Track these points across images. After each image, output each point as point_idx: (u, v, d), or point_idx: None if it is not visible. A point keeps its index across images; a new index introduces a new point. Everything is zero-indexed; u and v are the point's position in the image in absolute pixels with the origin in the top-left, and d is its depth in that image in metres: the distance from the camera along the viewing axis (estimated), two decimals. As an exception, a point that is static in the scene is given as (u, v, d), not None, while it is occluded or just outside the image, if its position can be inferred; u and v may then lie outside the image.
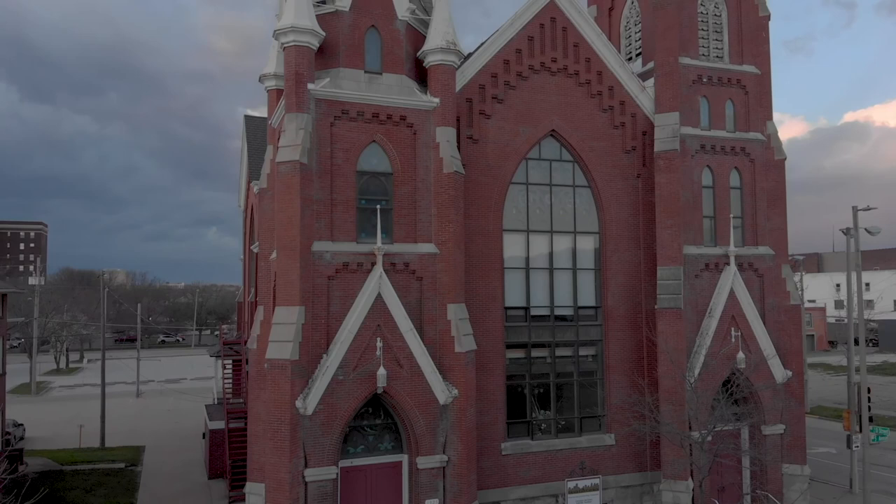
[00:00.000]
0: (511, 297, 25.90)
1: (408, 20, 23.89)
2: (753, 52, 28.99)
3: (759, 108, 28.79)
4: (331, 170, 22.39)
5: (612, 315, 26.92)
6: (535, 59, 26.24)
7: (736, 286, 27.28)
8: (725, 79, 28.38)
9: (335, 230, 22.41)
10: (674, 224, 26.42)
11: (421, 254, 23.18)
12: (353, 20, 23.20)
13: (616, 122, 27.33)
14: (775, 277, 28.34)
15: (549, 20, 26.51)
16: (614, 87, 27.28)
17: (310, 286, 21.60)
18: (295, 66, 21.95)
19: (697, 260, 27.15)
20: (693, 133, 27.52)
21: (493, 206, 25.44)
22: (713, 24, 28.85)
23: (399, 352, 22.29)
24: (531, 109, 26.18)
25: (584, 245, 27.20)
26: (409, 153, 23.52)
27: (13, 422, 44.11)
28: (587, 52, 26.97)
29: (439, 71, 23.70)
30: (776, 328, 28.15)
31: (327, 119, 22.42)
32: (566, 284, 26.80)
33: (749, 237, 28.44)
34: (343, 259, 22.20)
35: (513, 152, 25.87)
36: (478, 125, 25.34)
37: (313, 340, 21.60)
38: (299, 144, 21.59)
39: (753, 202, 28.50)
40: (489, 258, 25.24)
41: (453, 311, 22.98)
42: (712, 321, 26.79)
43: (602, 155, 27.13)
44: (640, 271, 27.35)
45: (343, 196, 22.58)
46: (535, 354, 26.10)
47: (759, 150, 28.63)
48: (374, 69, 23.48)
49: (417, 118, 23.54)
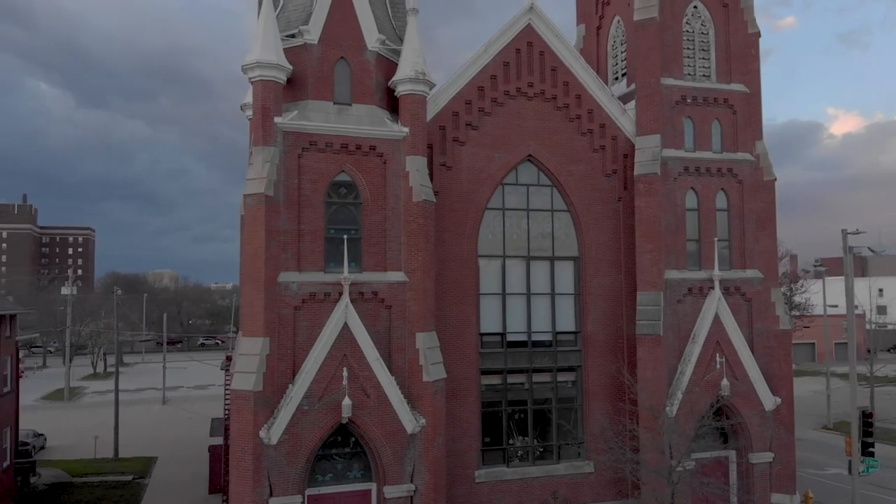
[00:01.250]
0: (487, 323, 25.87)
1: (378, 50, 24.06)
2: (742, 70, 28.34)
3: (747, 128, 28.13)
4: (298, 200, 22.71)
5: (591, 340, 26.65)
6: (510, 85, 26.16)
7: (721, 311, 26.72)
8: (712, 98, 27.82)
9: (303, 260, 22.71)
10: (653, 249, 26.02)
11: (390, 282, 23.32)
12: (322, 53, 23.49)
13: (596, 145, 27.04)
14: (764, 301, 27.64)
15: (525, 45, 26.38)
16: (594, 111, 27.00)
17: (275, 317, 21.94)
18: (261, 101, 22.34)
19: (680, 284, 26.67)
20: (676, 155, 27.05)
21: (467, 232, 25.45)
22: (700, 42, 28.31)
23: (366, 381, 22.47)
24: (507, 135, 26.10)
25: (563, 270, 26.99)
26: (379, 182, 23.70)
27: (33, 432, 45.75)
28: (566, 76, 26.75)
29: (409, 101, 23.82)
30: (765, 354, 27.45)
31: (295, 151, 22.75)
32: (544, 310, 26.64)
33: (736, 260, 27.82)
34: (309, 289, 22.50)
35: (488, 178, 25.83)
36: (451, 152, 25.39)
37: (279, 371, 21.94)
38: (264, 177, 21.96)
39: (741, 224, 27.86)
40: (463, 284, 25.26)
41: (422, 339, 23.06)
42: (695, 347, 26.28)
43: (581, 179, 26.88)
44: (621, 296, 27.00)
45: (311, 226, 22.87)
46: (511, 381, 26.02)
47: (747, 170, 27.97)
48: (343, 100, 23.73)
49: (387, 147, 23.70)
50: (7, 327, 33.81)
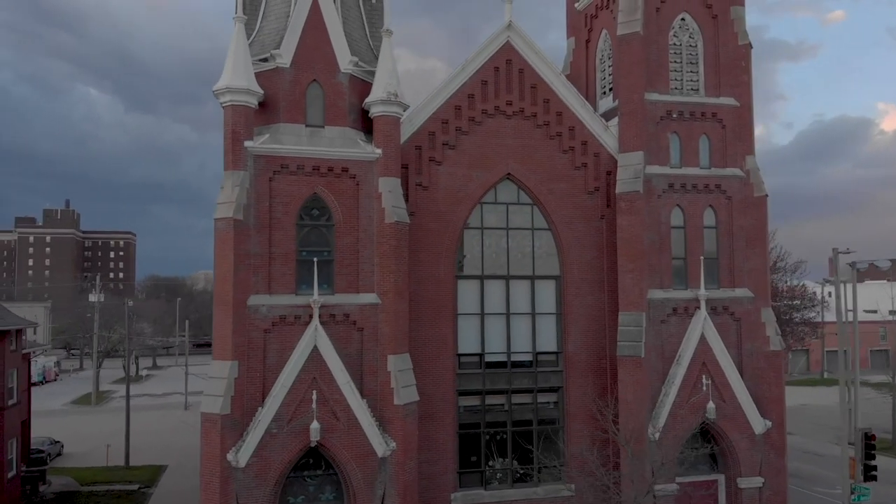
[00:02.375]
0: (465, 343, 25.67)
1: (351, 72, 24.08)
2: (732, 83, 27.58)
3: (737, 143, 27.38)
4: (270, 223, 22.85)
5: (573, 361, 26.24)
6: (489, 103, 25.92)
7: (707, 331, 26.04)
8: (699, 113, 27.14)
9: (273, 283, 22.84)
10: (635, 268, 25.49)
11: (362, 304, 23.31)
12: (294, 76, 23.60)
13: (577, 162, 26.62)
14: (754, 322, 26.84)
15: (504, 63, 26.12)
16: (576, 128, 26.59)
17: (244, 340, 22.12)
18: (232, 125, 22.55)
19: (664, 304, 26.07)
20: (660, 172, 26.46)
21: (444, 252, 25.30)
22: (687, 55, 27.65)
23: (336, 404, 22.49)
24: (485, 154, 25.87)
25: (544, 289, 26.63)
26: (352, 204, 23.72)
27: (49, 439, 47.01)
28: (546, 93, 26.40)
29: (382, 122, 23.79)
30: (754, 375, 26.66)
31: (266, 174, 22.91)
32: (525, 330, 26.32)
33: (725, 279, 27.08)
34: (279, 312, 22.62)
35: (465, 197, 25.64)
36: (427, 172, 25.27)
37: (248, 393, 22.12)
38: (233, 202, 22.17)
39: (730, 242, 27.12)
40: (440, 304, 25.11)
41: (394, 362, 22.99)
42: (680, 369, 25.66)
43: (562, 197, 26.48)
44: (604, 315, 26.52)
45: (282, 249, 23.00)
46: (490, 402, 25.78)
47: (736, 186, 27.21)
48: (315, 122, 23.81)
49: (360, 169, 23.71)
50: (13, 341, 34.80)
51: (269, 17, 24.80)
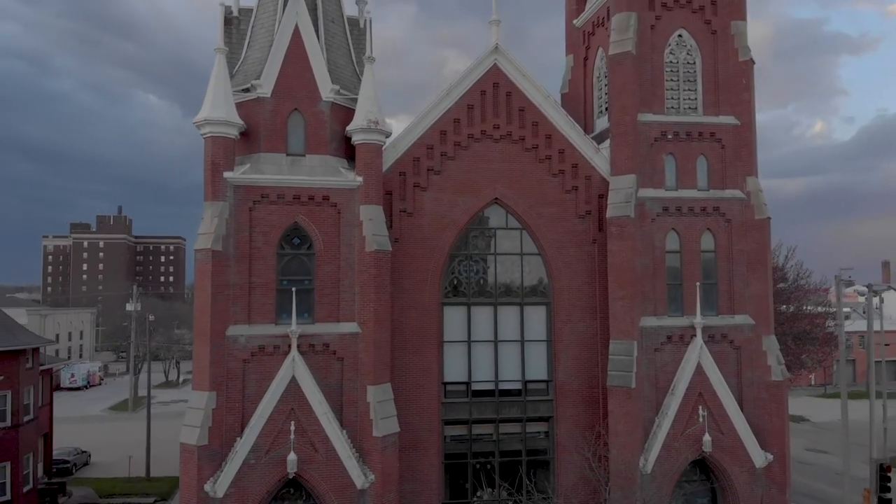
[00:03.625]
0: (451, 371, 25.31)
1: (333, 100, 24.00)
2: (732, 101, 26.52)
3: (737, 163, 26.30)
4: (249, 253, 22.94)
5: (563, 390, 25.60)
6: (475, 128, 25.51)
7: (704, 360, 25.08)
8: (696, 133, 26.17)
9: (253, 313, 22.91)
10: (626, 295, 24.71)
11: (342, 333, 23.20)
12: (275, 106, 23.64)
13: (568, 186, 25.98)
14: (755, 350, 25.73)
15: (491, 86, 25.67)
16: (566, 150, 25.96)
17: (223, 371, 22.25)
18: (211, 157, 22.73)
19: (657, 332, 25.21)
20: (654, 195, 25.60)
21: (429, 279, 24.99)
22: (685, 73, 26.70)
23: (314, 435, 22.42)
24: (472, 178, 25.46)
25: (534, 315, 26.05)
26: (333, 232, 23.64)
27: (76, 449, 48.37)
28: (535, 116, 25.85)
29: (363, 150, 23.66)
30: (755, 406, 25.56)
31: (246, 204, 23.00)
32: (513, 357, 25.80)
33: (724, 305, 26.04)
34: (258, 342, 22.68)
35: (451, 223, 25.28)
36: (412, 198, 25.00)
37: (227, 424, 22.23)
38: (212, 233, 22.32)
39: (730, 267, 26.06)
40: (425, 332, 24.81)
41: (373, 393, 22.80)
42: (674, 399, 24.78)
43: (552, 221, 25.87)
44: (595, 343, 25.80)
45: (262, 279, 23.05)
46: (478, 431, 25.33)
47: (736, 209, 26.15)
48: (296, 151, 23.82)
49: (341, 197, 23.62)
50: (29, 359, 35.89)
51: (253, 47, 24.94)
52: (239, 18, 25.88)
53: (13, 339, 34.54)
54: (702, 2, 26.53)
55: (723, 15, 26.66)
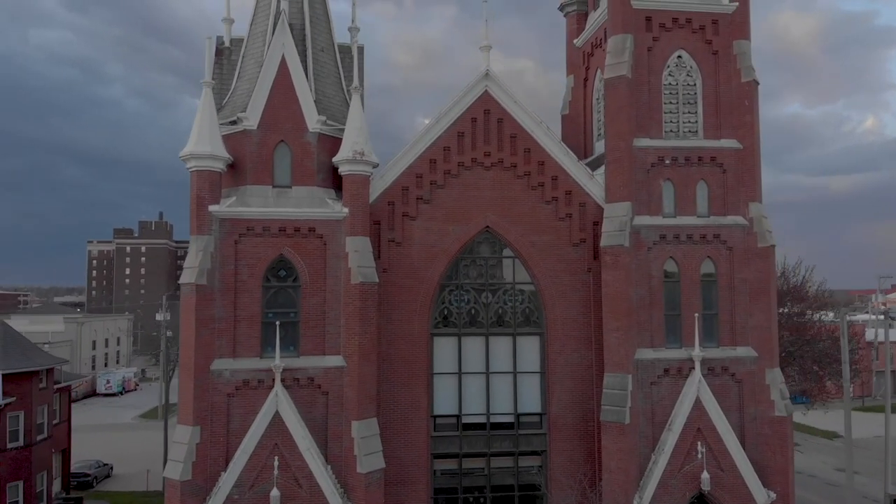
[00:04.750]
0: (441, 404, 24.90)
1: (319, 131, 23.84)
2: (734, 123, 25.55)
3: (739, 189, 25.32)
4: (235, 286, 22.91)
5: (557, 423, 24.96)
6: (465, 155, 25.08)
7: (702, 394, 24.18)
8: (696, 158, 25.29)
9: (238, 346, 22.88)
10: (621, 327, 23.98)
11: (327, 367, 23.02)
12: (261, 138, 23.59)
13: (561, 213, 25.35)
14: (757, 384, 24.72)
15: (482, 113, 25.21)
16: (559, 177, 25.34)
17: (207, 405, 22.25)
18: (196, 190, 22.76)
19: (654, 365, 24.40)
20: (651, 223, 24.80)
21: (418, 309, 24.63)
22: (685, 95, 25.83)
23: (298, 471, 22.26)
24: (463, 207, 25.03)
25: (527, 346, 25.48)
26: (319, 264, 23.47)
27: (97, 462, 49.27)
28: (527, 143, 25.29)
29: (349, 181, 23.46)
30: (758, 442, 24.55)
31: (231, 237, 22.98)
32: (505, 389, 25.27)
33: (725, 336, 25.08)
34: (243, 376, 22.63)
35: (441, 252, 24.88)
36: (401, 228, 24.69)
37: (211, 458, 22.22)
38: (196, 267, 22.35)
39: (731, 296, 25.10)
40: (413, 364, 24.46)
41: (357, 428, 22.56)
42: (671, 435, 23.93)
43: (545, 249, 25.27)
44: (591, 374, 25.11)
45: (247, 312, 23.00)
46: (468, 466, 24.85)
47: (738, 236, 25.17)
48: (283, 183, 23.73)
49: (327, 228, 23.45)
50: (43, 379, 36.66)
51: (243, 78, 24.95)
52: (230, 49, 25.94)
53: (27, 360, 35.33)
54: (702, 21, 25.63)
55: (725, 34, 25.71)
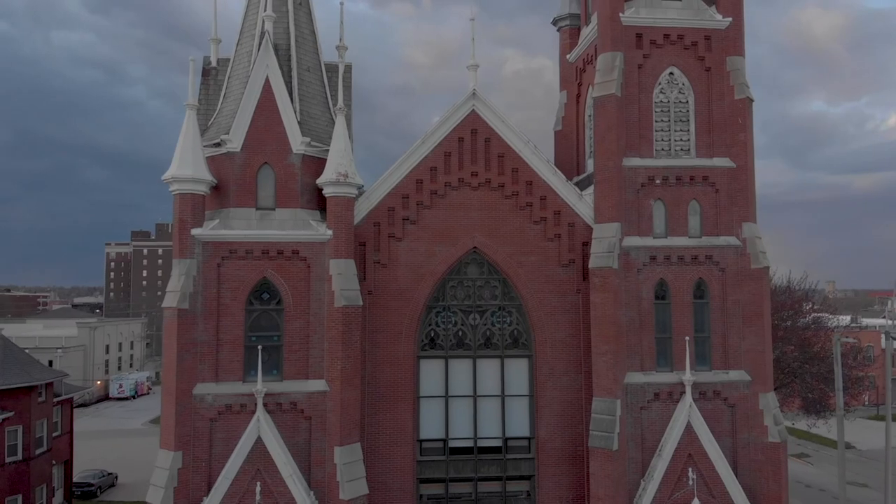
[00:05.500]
0: (428, 428, 24.60)
1: (304, 152, 23.64)
2: (727, 142, 25.00)
3: (732, 208, 24.77)
4: (217, 310, 22.77)
5: (546, 447, 24.57)
6: (452, 176, 24.76)
7: (693, 419, 23.68)
8: (688, 177, 24.77)
9: (221, 370, 22.74)
10: (610, 351, 23.54)
11: (309, 392, 22.81)
12: (245, 160, 23.42)
13: (550, 234, 24.95)
14: (751, 408, 24.16)
15: (469, 132, 24.88)
16: (547, 197, 24.94)
17: (189, 430, 22.13)
18: (179, 214, 22.67)
19: (644, 389, 23.93)
20: (641, 244, 24.32)
21: (404, 332, 24.36)
22: (676, 113, 25.31)
23: (280, 497, 22.06)
24: (449, 227, 24.72)
25: (515, 368, 25.11)
26: (303, 287, 23.28)
27: (101, 471, 49.61)
28: (514, 162, 24.93)
29: (333, 203, 23.26)
30: (751, 469, 23.99)
31: (214, 260, 22.85)
32: (493, 413, 24.91)
33: (718, 360, 24.54)
34: (225, 401, 22.48)
35: (428, 274, 24.59)
36: (386, 249, 24.43)
37: (193, 484, 22.09)
38: (178, 291, 22.26)
39: (723, 319, 24.55)
40: (399, 387, 24.19)
41: (340, 454, 22.33)
42: (661, 461, 23.46)
43: (534, 270, 24.89)
44: (580, 398, 24.69)
45: (230, 335, 22.86)
46: (455, 490, 24.52)
47: (731, 257, 24.61)
48: (266, 205, 23.56)
49: (311, 251, 23.25)
50: (42, 393, 36.86)
51: (228, 98, 24.83)
52: (217, 69, 25.86)
53: (25, 374, 35.54)
54: (694, 37, 25.10)
55: (718, 51, 25.17)
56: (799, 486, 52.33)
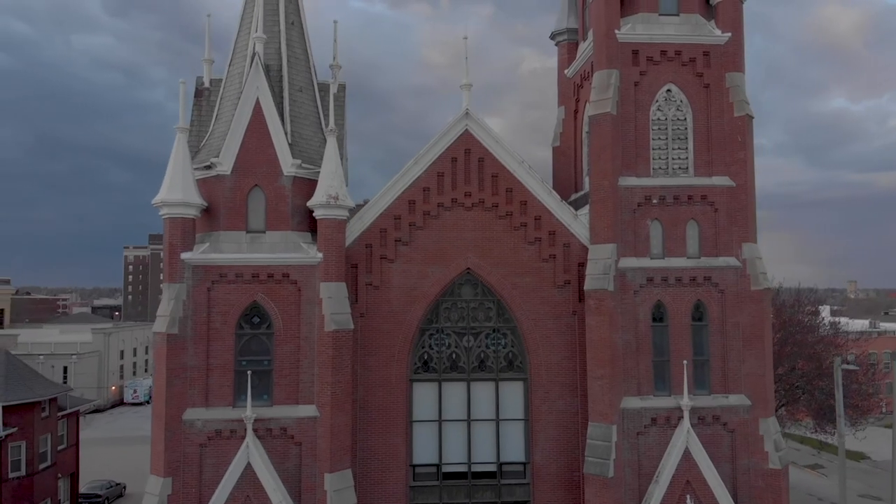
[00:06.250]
0: (421, 453, 24.27)
1: (294, 174, 23.44)
2: (727, 160, 24.44)
3: (732, 228, 24.20)
4: (207, 334, 22.63)
5: (541, 473, 24.15)
6: (445, 196, 24.43)
7: (692, 445, 23.16)
8: (685, 196, 24.25)
9: (211, 395, 22.60)
10: (605, 375, 23.08)
11: (300, 417, 22.59)
12: (235, 182, 23.26)
13: (545, 254, 24.54)
14: (751, 434, 23.58)
15: (463, 152, 24.54)
16: (542, 217, 24.54)
17: (179, 456, 22.01)
18: (169, 238, 22.58)
19: (641, 414, 23.44)
20: (637, 265, 23.85)
21: (396, 355, 24.07)
22: (674, 130, 24.79)
23: (270, 523, 21.88)
24: (443, 248, 24.39)
25: (510, 392, 24.71)
26: (293, 310, 23.08)
27: (109, 482, 49.77)
28: (509, 182, 24.55)
29: (323, 225, 23.03)
30: (751, 496, 23.40)
31: (204, 284, 22.71)
32: (488, 437, 24.53)
33: (717, 383, 23.98)
34: (215, 426, 22.33)
35: (421, 296, 24.28)
36: (379, 271, 24.16)
37: (183, 510, 21.97)
38: (168, 315, 22.15)
39: (723, 341, 23.99)
40: (392, 411, 23.90)
41: (331, 481, 22.08)
42: (658, 488, 22.96)
43: (529, 291, 24.49)
44: (577, 422, 24.24)
45: (220, 360, 22.71)
46: (448, 516, 24.19)
47: (731, 278, 24.05)
48: (256, 228, 23.38)
49: (301, 274, 23.04)
50: (46, 408, 37.05)
51: (220, 120, 24.70)
52: (210, 89, 25.75)
53: (28, 391, 35.73)
54: (692, 53, 24.57)
55: (716, 66, 24.62)
56: (812, 499, 51.39)
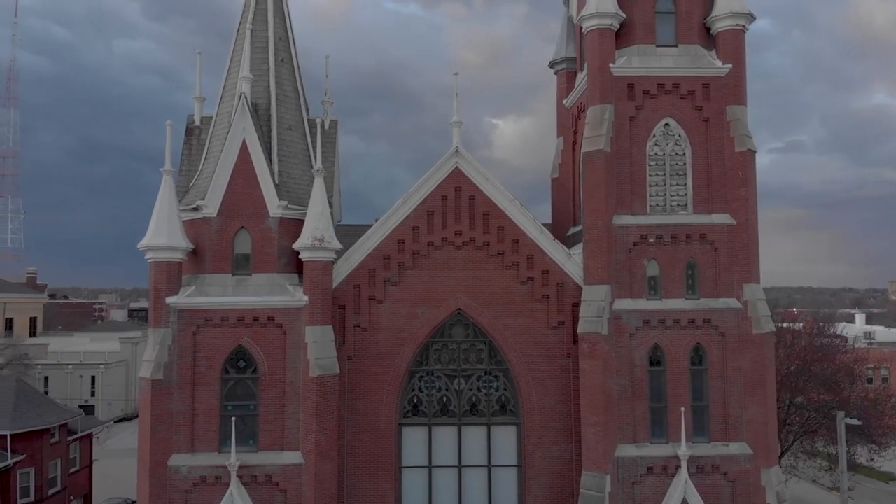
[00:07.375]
0: (410, 501, 23.67)
1: (281, 215, 23.15)
2: (727, 197, 23.48)
3: (733, 268, 23.22)
4: (193, 379, 22.44)
5: (533, 521, 23.47)
6: (435, 235, 23.91)
7: (689, 496, 22.25)
8: (684, 235, 23.34)
9: (196, 441, 22.40)
10: (599, 422, 22.30)
11: (285, 465, 22.27)
12: (221, 225, 23.05)
13: (538, 294, 23.84)
14: (752, 484, 22.57)
15: (453, 190, 23.99)
16: (535, 256, 23.85)
17: (164, 502, 21.83)
18: (154, 282, 22.45)
19: (636, 463, 22.61)
20: (633, 307, 23.03)
21: (385, 398, 23.60)
22: (672, 166, 23.91)
23: (254, 572, 21.61)
24: (433, 289, 23.86)
25: (502, 438, 24.03)
26: (279, 355, 22.78)
27: (124, 500, 50.01)
28: (500, 221, 23.92)
29: (309, 268, 22.72)
30: (753, 549, 22.40)
31: (190, 328, 22.54)
32: (479, 485, 23.87)
33: (717, 431, 23.01)
34: (200, 473, 22.12)
35: (410, 337, 23.78)
36: (367, 312, 23.72)
37: (167, 556, 21.80)
38: (153, 361, 22.03)
39: (723, 387, 23.02)
40: (380, 457, 23.42)
41: (315, 528, 21.73)
42: (654, 540, 22.13)
43: (521, 333, 23.81)
44: (571, 469, 23.47)
45: (206, 405, 22.50)
46: (439, 565, 23.62)
47: (731, 321, 23.07)
48: (242, 271, 23.15)
49: (287, 317, 22.74)
50: (57, 434, 37.42)
51: (209, 159, 24.54)
52: (200, 128, 25.63)
53: (37, 418, 36.12)
54: (691, 86, 23.67)
55: (717, 99, 23.68)
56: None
